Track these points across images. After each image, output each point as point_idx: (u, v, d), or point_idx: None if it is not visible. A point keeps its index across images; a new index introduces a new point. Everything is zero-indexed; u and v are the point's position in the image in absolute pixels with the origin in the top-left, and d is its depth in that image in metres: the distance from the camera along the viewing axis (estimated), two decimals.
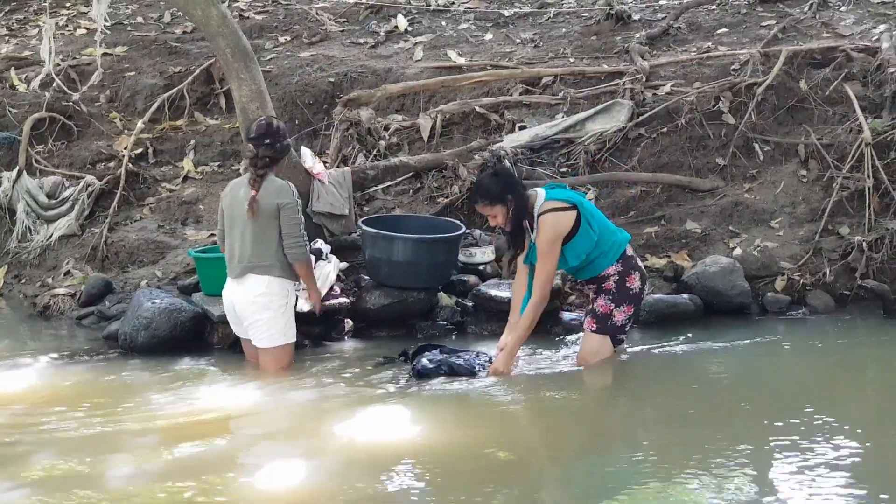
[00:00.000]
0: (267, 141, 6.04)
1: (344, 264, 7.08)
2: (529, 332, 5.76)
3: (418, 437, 4.92)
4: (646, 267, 7.37)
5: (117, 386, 5.89)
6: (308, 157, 7.57)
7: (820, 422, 4.92)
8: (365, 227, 6.96)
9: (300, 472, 4.51)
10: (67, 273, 8.39)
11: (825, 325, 6.93)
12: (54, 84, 9.87)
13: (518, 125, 8.85)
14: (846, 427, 4.86)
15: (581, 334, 6.18)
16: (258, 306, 5.97)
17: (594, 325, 5.91)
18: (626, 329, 5.98)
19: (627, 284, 5.86)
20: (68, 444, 4.91)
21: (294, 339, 6.11)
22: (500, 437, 4.93)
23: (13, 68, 10.59)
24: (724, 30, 9.97)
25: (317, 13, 11.38)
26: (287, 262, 6.03)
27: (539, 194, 5.73)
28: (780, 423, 4.92)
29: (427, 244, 6.85)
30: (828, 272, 7.31)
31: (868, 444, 4.65)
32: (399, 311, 6.90)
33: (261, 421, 5.28)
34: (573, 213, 5.65)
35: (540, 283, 5.67)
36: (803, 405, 5.23)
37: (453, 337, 6.81)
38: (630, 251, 5.94)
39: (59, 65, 10.37)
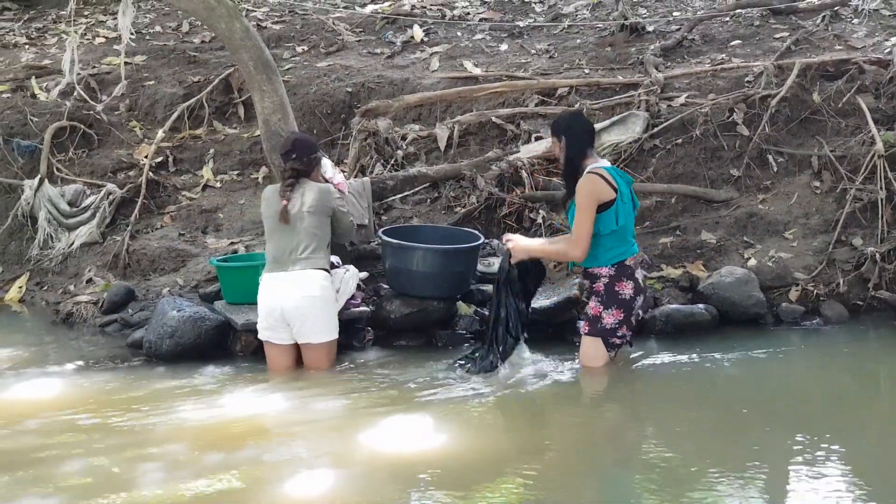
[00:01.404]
0: (294, 156, 6.51)
1: (364, 274, 7.18)
2: (553, 255, 6.28)
3: (439, 446, 5.03)
4: (661, 277, 7.54)
5: (144, 394, 5.97)
6: (328, 168, 7.67)
7: (834, 434, 5.03)
8: (385, 238, 7.06)
9: (324, 481, 4.62)
10: (90, 281, 8.49)
11: (839, 335, 7.02)
12: (75, 93, 10.00)
13: (534, 136, 8.95)
14: (861, 441, 4.97)
15: None
16: (318, 301, 6.28)
17: (587, 328, 6.12)
18: (619, 334, 6.07)
19: (617, 289, 5.99)
20: (96, 452, 5.01)
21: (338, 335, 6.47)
22: (522, 447, 5.08)
23: (34, 77, 10.72)
24: (738, 42, 10.08)
25: (333, 23, 11.51)
26: (329, 259, 6.54)
27: (601, 161, 6.04)
28: (793, 435, 5.02)
29: (446, 254, 6.94)
30: (841, 283, 7.40)
31: (882, 459, 4.75)
32: (419, 320, 6.99)
33: (285, 430, 5.36)
34: (613, 193, 5.86)
35: (577, 238, 5.90)
36: (817, 417, 5.38)
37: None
38: (630, 263, 6.02)
39: (80, 73, 10.49)
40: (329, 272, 6.44)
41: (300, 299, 6.22)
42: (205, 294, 7.63)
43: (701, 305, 7.13)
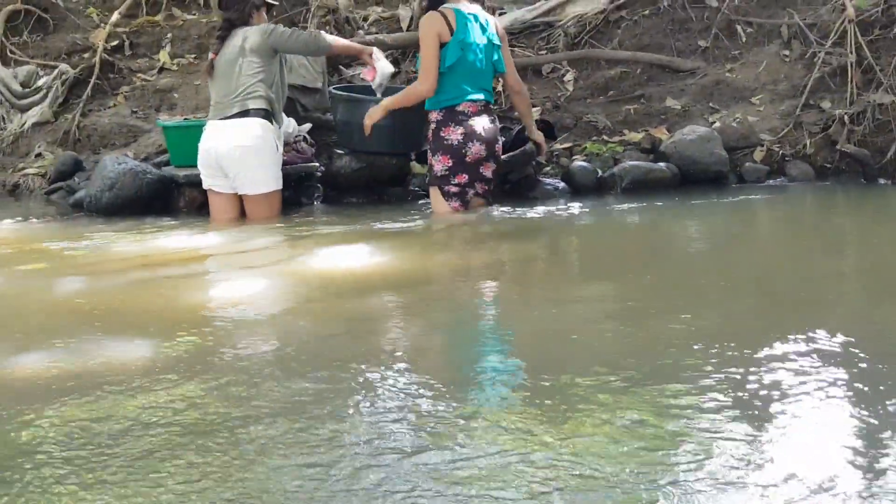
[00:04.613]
0: (226, 6, 6.43)
1: (307, 125, 6.95)
2: (400, 102, 6.03)
3: (371, 265, 4.86)
4: (622, 141, 7.32)
5: (75, 233, 5.79)
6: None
7: (802, 288, 4.19)
8: (335, 91, 6.83)
9: (254, 287, 4.40)
10: (38, 155, 8.28)
11: (804, 192, 6.82)
12: None
13: (498, 12, 8.68)
14: (839, 297, 4.17)
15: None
16: (252, 150, 6.04)
17: (427, 178, 6.10)
18: (455, 182, 5.87)
19: (443, 134, 5.86)
20: (24, 268, 4.85)
21: (282, 186, 6.22)
22: (454, 267, 4.91)
23: None
24: None
25: None
26: (278, 108, 6.18)
27: (456, 5, 5.94)
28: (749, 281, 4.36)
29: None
30: (808, 144, 7.19)
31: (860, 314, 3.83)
32: (370, 176, 6.77)
33: (219, 257, 5.21)
34: (447, 33, 5.82)
35: (421, 73, 5.91)
36: (782, 269, 4.70)
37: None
38: (466, 110, 5.87)
39: None
40: (272, 121, 6.19)
41: (233, 149, 6.02)
42: (154, 164, 7.38)
43: (661, 163, 6.91)
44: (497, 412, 2.59)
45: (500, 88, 7.40)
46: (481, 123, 5.85)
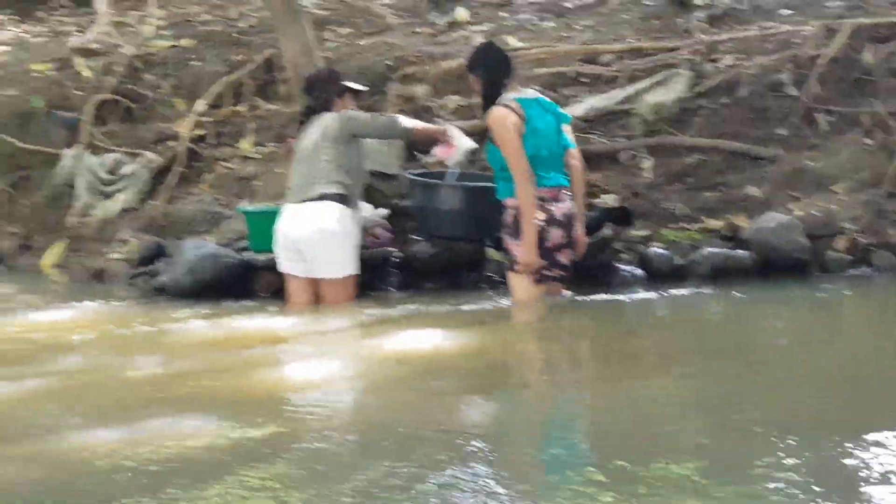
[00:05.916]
0: (307, 94, 6.68)
1: (385, 211, 7.02)
2: (530, 214, 5.74)
3: (446, 349, 4.87)
4: (702, 228, 7.26)
5: (156, 316, 5.89)
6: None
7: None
8: (410, 176, 6.92)
9: (326, 368, 4.43)
10: (124, 241, 8.47)
11: (890, 282, 6.66)
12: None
13: (573, 100, 8.73)
14: None
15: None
16: (329, 234, 6.09)
17: (507, 263, 5.97)
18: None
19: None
20: (106, 348, 4.92)
21: (358, 271, 6.24)
22: (504, 352, 4.92)
23: (80, 56, 10.80)
24: (788, 11, 9.79)
25: (378, 8, 11.45)
26: (355, 193, 6.27)
27: (521, 92, 5.98)
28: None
29: (471, 191, 6.73)
30: (893, 233, 7.06)
31: None
32: (446, 260, 6.80)
33: (295, 339, 5.28)
34: (521, 125, 5.77)
35: (516, 172, 5.76)
36: (863, 357, 4.64)
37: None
38: (545, 195, 5.86)
39: (125, 54, 10.59)
40: (349, 206, 6.26)
41: (311, 232, 6.09)
42: (235, 249, 7.50)
43: (741, 251, 6.83)
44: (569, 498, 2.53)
45: None
46: (560, 209, 5.86)
